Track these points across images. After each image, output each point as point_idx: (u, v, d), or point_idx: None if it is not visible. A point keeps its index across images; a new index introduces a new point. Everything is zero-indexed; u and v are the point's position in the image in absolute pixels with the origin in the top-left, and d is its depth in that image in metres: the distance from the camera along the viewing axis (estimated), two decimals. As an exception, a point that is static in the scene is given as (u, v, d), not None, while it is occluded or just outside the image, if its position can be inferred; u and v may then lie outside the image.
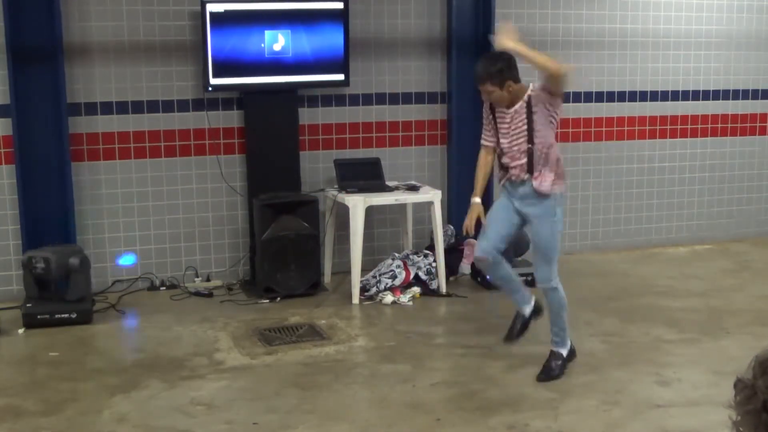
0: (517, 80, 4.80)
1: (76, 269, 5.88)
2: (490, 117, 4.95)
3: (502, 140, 4.90)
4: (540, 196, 4.85)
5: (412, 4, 7.12)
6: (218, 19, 6.36)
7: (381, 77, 7.09)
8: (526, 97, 4.80)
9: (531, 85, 4.83)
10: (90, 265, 6.11)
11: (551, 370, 4.93)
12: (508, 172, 4.93)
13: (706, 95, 8.11)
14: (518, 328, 5.19)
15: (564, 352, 5.00)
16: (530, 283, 6.74)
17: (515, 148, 4.85)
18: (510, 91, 4.78)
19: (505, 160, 4.92)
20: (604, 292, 6.71)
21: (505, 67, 4.78)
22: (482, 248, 4.98)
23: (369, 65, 7.04)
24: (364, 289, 6.50)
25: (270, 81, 6.59)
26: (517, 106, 4.81)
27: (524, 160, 4.84)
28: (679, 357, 5.28)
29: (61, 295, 5.89)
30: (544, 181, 4.83)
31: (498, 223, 5.00)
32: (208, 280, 6.84)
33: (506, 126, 4.87)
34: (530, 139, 4.80)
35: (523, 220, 4.99)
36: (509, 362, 5.19)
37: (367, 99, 7.07)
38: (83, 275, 5.97)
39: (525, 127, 4.81)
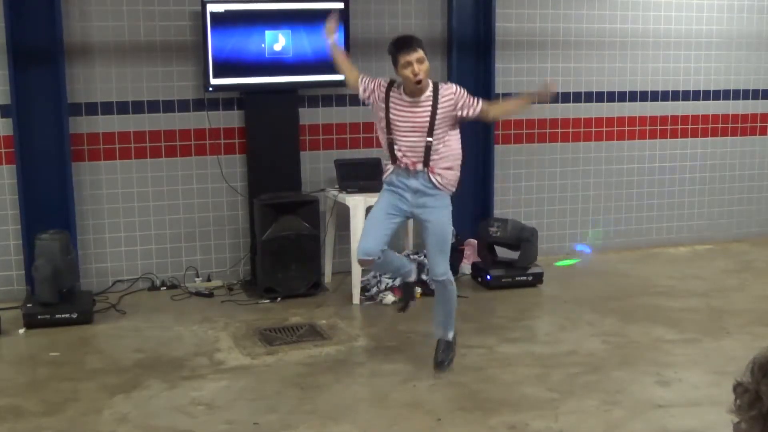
0: None
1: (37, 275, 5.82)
2: (382, 103, 4.84)
3: (396, 132, 4.79)
4: (437, 188, 4.83)
5: (413, 4, 7.12)
6: (219, 19, 6.37)
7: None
8: (431, 92, 4.75)
9: (441, 82, 4.85)
10: (53, 269, 5.85)
11: (446, 363, 5.02)
12: (396, 163, 4.84)
13: (707, 95, 8.11)
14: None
15: (450, 335, 5.06)
16: (531, 283, 6.78)
17: (413, 139, 4.77)
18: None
19: (398, 152, 4.81)
20: (604, 292, 6.71)
21: None
22: (366, 250, 4.84)
23: (370, 65, 6.99)
24: (364, 289, 6.50)
25: (270, 81, 6.60)
26: (423, 97, 4.76)
27: (421, 153, 4.78)
28: (680, 357, 5.29)
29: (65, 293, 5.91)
30: (444, 174, 4.83)
31: (382, 224, 4.91)
32: (208, 280, 6.84)
33: (405, 116, 4.77)
34: (430, 133, 4.75)
35: (408, 217, 4.99)
36: (510, 362, 5.19)
37: (368, 99, 7.07)
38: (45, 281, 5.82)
39: (428, 119, 4.74)
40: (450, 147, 4.83)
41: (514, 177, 7.58)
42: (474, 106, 4.82)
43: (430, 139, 4.75)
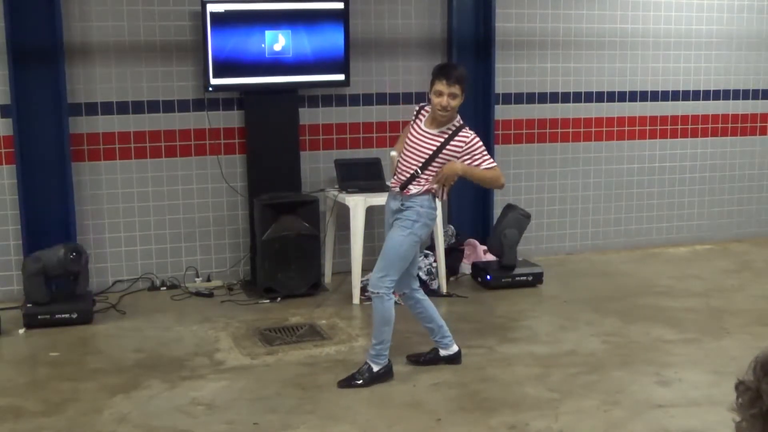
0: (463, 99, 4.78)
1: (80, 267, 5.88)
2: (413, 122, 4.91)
3: (405, 150, 4.85)
4: (408, 207, 4.80)
5: (413, 4, 7.12)
6: (219, 19, 6.36)
7: (381, 77, 7.09)
8: (447, 129, 4.73)
9: (464, 126, 4.75)
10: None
11: (351, 378, 4.84)
12: (392, 179, 4.94)
13: (707, 95, 8.11)
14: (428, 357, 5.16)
15: (375, 367, 4.85)
16: (531, 283, 6.79)
17: (408, 163, 4.80)
18: (459, 105, 4.74)
19: (397, 169, 4.89)
20: (604, 292, 6.71)
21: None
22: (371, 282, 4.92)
23: (369, 65, 7.04)
24: (364, 290, 6.49)
25: (270, 81, 6.60)
26: (437, 131, 4.74)
27: (405, 177, 4.81)
28: (680, 357, 5.29)
29: (65, 294, 5.89)
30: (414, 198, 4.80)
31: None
32: (208, 280, 6.84)
33: (415, 140, 4.81)
34: (424, 167, 4.74)
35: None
36: (510, 362, 5.19)
37: (368, 99, 7.08)
38: (85, 273, 5.95)
39: (429, 154, 4.73)
40: (427, 189, 4.78)
41: (513, 177, 7.58)
42: (487, 163, 4.73)
43: (418, 170, 4.75)
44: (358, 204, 6.40)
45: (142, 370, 5.08)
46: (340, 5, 6.63)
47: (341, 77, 6.77)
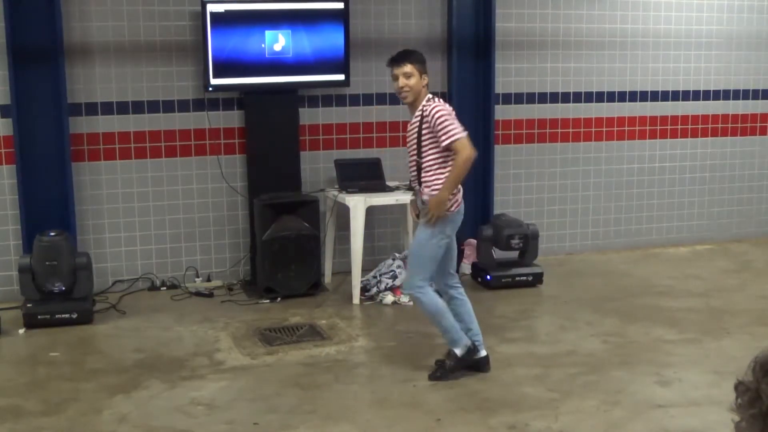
0: (426, 79, 4.75)
1: (83, 267, 5.88)
2: None
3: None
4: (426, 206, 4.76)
5: (413, 4, 7.12)
6: (219, 19, 6.37)
7: (381, 77, 7.07)
8: (419, 111, 4.71)
9: (432, 99, 4.71)
10: (91, 263, 6.10)
11: (440, 367, 4.91)
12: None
13: (707, 95, 8.11)
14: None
15: (457, 351, 4.90)
16: (531, 283, 6.78)
17: (410, 158, 4.84)
18: (425, 85, 4.70)
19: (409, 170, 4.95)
20: (604, 292, 6.71)
21: (424, 59, 4.80)
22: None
23: (369, 65, 7.04)
24: (364, 289, 6.50)
25: (270, 81, 6.60)
26: (415, 115, 4.74)
27: (415, 172, 4.82)
28: (680, 357, 5.29)
29: (64, 295, 5.89)
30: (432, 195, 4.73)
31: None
32: (208, 280, 6.84)
33: (408, 134, 4.86)
34: (418, 153, 4.74)
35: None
36: (509, 362, 5.19)
37: (368, 99, 7.08)
38: (88, 273, 5.96)
39: (415, 139, 4.75)
40: (438, 170, 4.71)
41: (514, 177, 7.58)
42: (446, 136, 4.60)
43: (417, 158, 4.76)
44: (358, 204, 6.40)
45: (142, 370, 5.08)
46: (340, 5, 6.63)
47: (341, 77, 6.77)
